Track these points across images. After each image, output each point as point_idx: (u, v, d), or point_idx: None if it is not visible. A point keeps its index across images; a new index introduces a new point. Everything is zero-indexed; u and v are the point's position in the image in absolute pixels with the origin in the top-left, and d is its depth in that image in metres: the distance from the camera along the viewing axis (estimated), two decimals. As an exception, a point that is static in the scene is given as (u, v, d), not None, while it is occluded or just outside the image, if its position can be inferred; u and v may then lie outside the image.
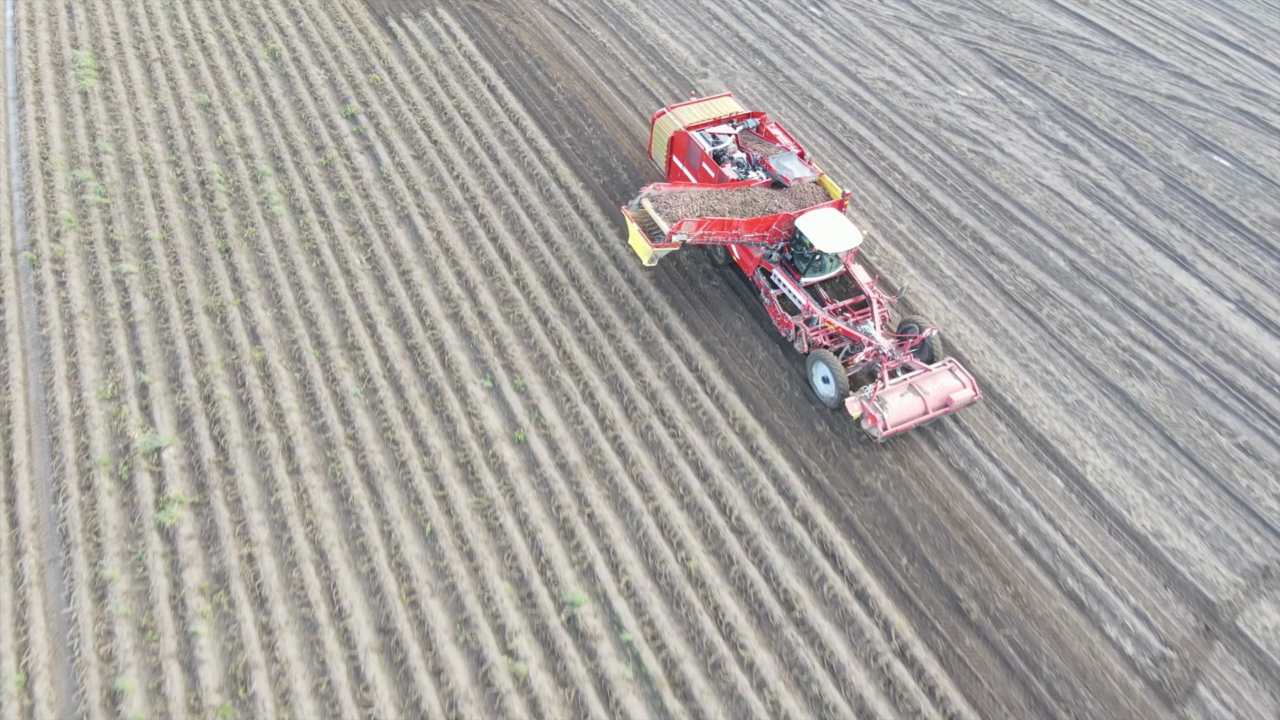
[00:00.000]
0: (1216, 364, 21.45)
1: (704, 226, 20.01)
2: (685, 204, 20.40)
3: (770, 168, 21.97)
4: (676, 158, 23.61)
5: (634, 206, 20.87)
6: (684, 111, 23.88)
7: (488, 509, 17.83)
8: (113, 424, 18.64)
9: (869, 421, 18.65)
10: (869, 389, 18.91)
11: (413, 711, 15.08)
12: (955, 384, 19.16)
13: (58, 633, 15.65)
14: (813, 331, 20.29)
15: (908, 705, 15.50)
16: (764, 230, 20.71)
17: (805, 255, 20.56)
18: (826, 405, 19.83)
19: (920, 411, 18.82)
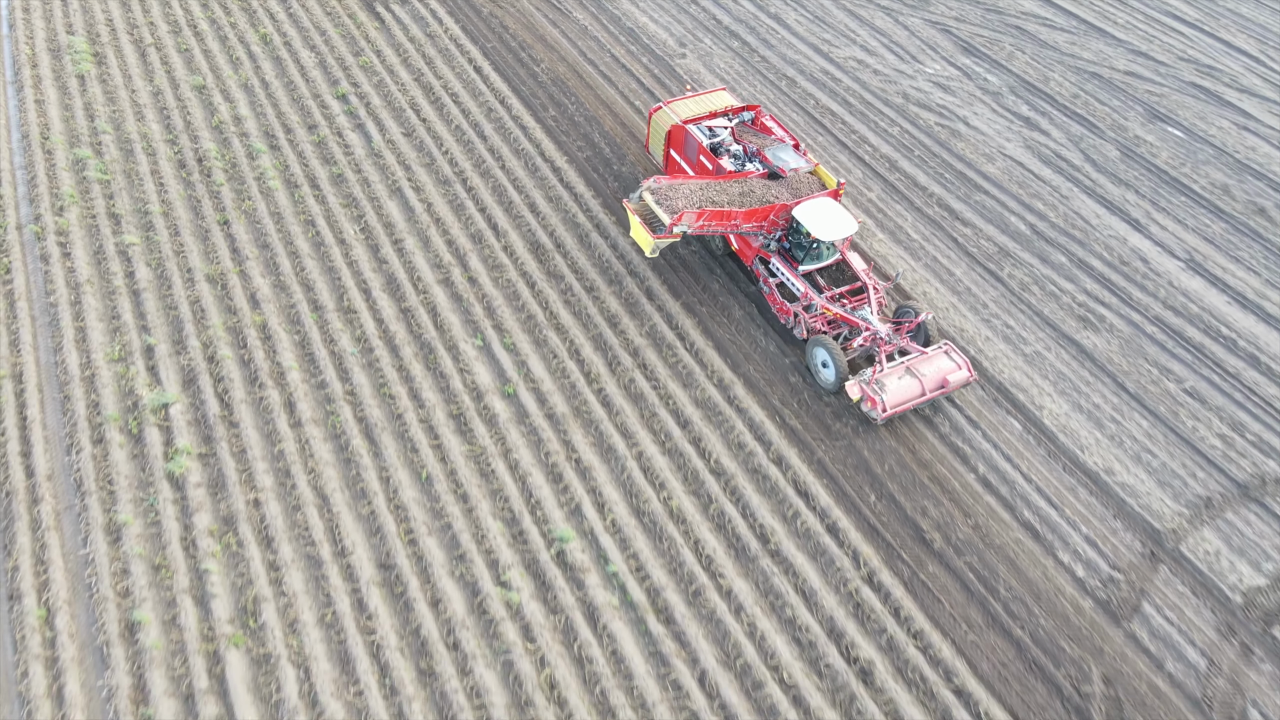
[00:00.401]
0: (1166, 317, 22.74)
1: (704, 217, 20.52)
2: (685, 196, 20.80)
3: (766, 159, 22.52)
4: (674, 151, 24.00)
5: (635, 199, 21.27)
6: (680, 106, 24.23)
7: (480, 456, 18.87)
8: (121, 383, 19.56)
9: (868, 404, 19.16)
10: (867, 372, 19.44)
11: (413, 638, 16.11)
12: (951, 366, 19.75)
13: (75, 572, 16.57)
14: (811, 318, 20.86)
15: (875, 625, 16.65)
16: (762, 220, 21.23)
17: (803, 244, 21.17)
18: (826, 390, 20.26)
19: (918, 393, 19.39)
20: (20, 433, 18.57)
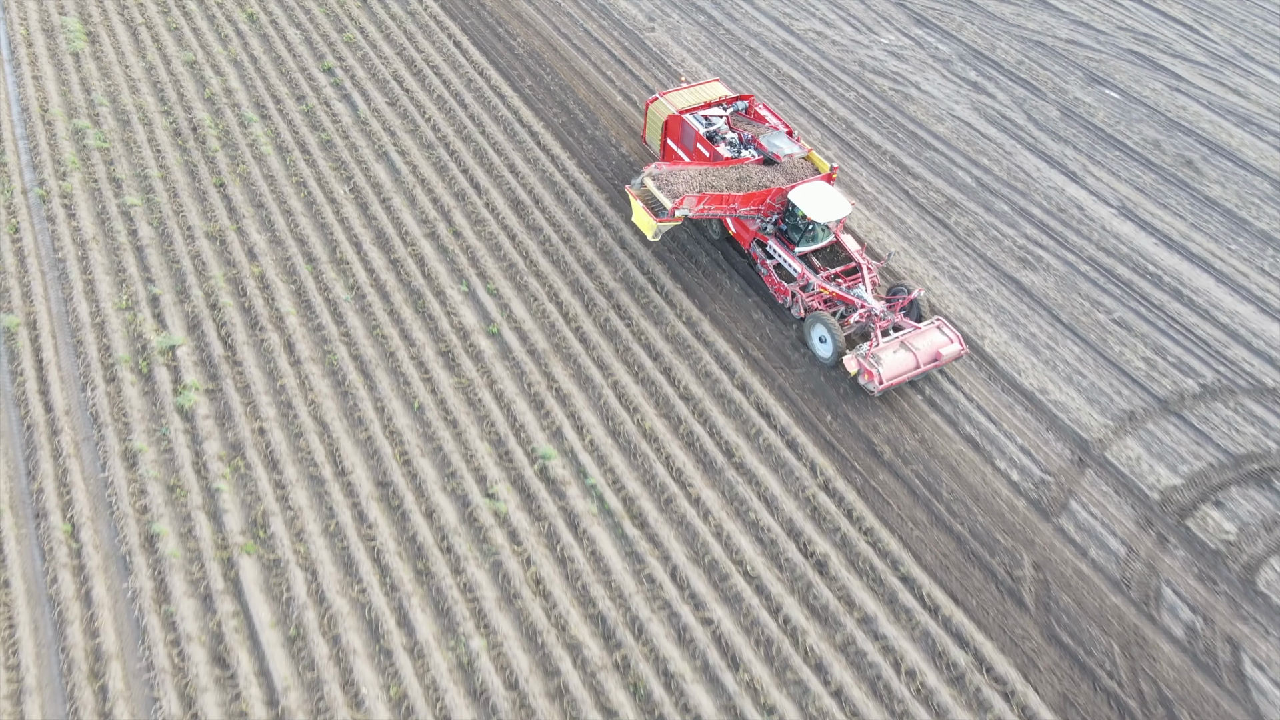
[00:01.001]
0: (1099, 258, 24.64)
1: (704, 201, 21.24)
2: (685, 181, 21.51)
3: (761, 146, 23.24)
4: (671, 140, 24.80)
5: (637, 185, 21.91)
6: (675, 96, 25.00)
7: (468, 387, 20.38)
8: (129, 328, 20.88)
9: (865, 377, 19.92)
10: (864, 347, 20.19)
11: (410, 544, 17.61)
12: (943, 340, 20.60)
13: (96, 494, 17.92)
14: (808, 297, 21.67)
15: (829, 525, 18.35)
16: (759, 204, 22.00)
17: (799, 226, 22.07)
18: (824, 364, 21.16)
19: (912, 366, 20.20)
20: (37, 373, 19.89)
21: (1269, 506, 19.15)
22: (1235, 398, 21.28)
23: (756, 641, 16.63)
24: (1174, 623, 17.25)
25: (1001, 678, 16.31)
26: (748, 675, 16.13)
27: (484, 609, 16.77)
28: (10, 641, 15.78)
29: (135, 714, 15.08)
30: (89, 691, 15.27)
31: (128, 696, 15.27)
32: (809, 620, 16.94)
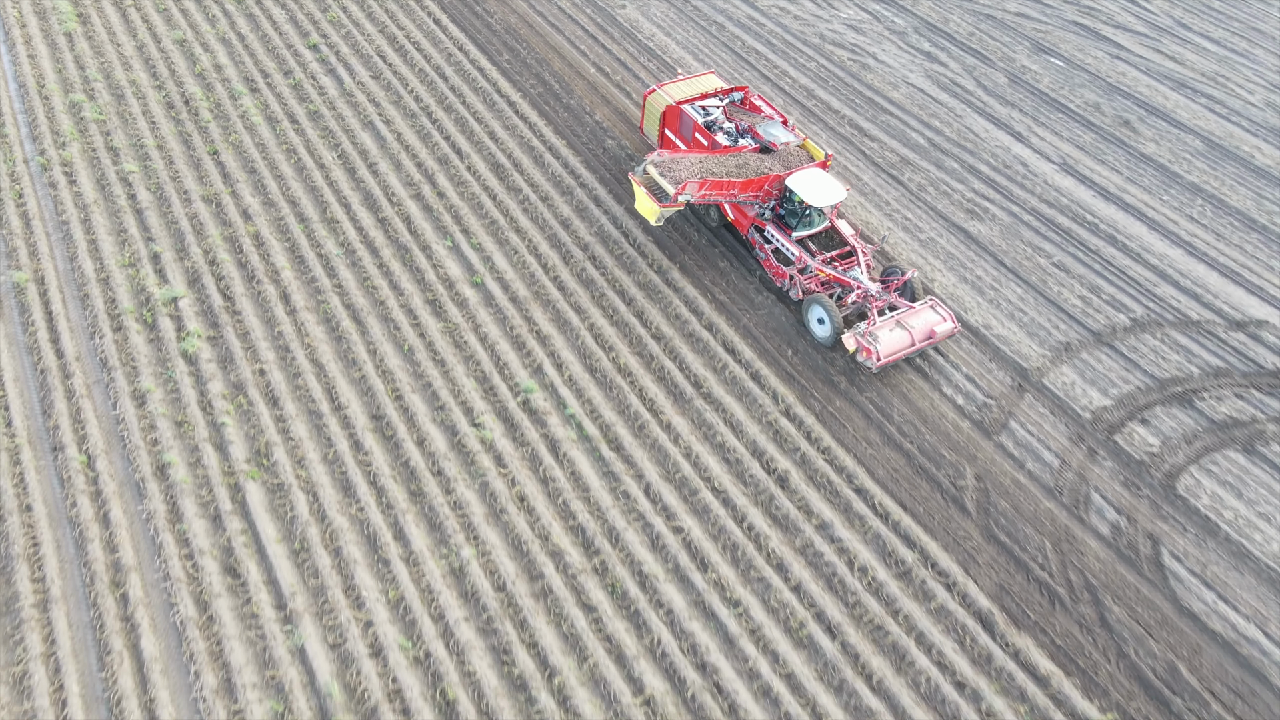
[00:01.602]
0: (1041, 209, 26.42)
1: (705, 187, 21.94)
2: (687, 168, 22.16)
3: (758, 134, 24.07)
4: (669, 130, 25.55)
5: (639, 172, 22.53)
6: (672, 88, 25.72)
7: (454, 331, 21.79)
8: (133, 283, 22.11)
9: (864, 354, 20.69)
10: (861, 326, 21.10)
11: (403, 468, 19.00)
12: (937, 319, 21.53)
13: (109, 429, 19.17)
14: (806, 279, 22.40)
15: (790, 445, 19.93)
16: (757, 190, 22.75)
17: (796, 210, 22.77)
18: (821, 344, 21.95)
19: (908, 343, 21.07)
20: (47, 324, 21.08)
21: (1189, 423, 20.95)
22: (1162, 330, 23.10)
23: (723, 546, 18.21)
24: (1100, 523, 19.01)
25: (944, 572, 17.96)
26: (715, 575, 17.70)
27: (473, 523, 18.22)
28: (35, 558, 17.05)
29: (155, 619, 16.42)
30: (111, 599, 16.58)
31: (147, 603, 16.59)
32: (771, 527, 18.53)
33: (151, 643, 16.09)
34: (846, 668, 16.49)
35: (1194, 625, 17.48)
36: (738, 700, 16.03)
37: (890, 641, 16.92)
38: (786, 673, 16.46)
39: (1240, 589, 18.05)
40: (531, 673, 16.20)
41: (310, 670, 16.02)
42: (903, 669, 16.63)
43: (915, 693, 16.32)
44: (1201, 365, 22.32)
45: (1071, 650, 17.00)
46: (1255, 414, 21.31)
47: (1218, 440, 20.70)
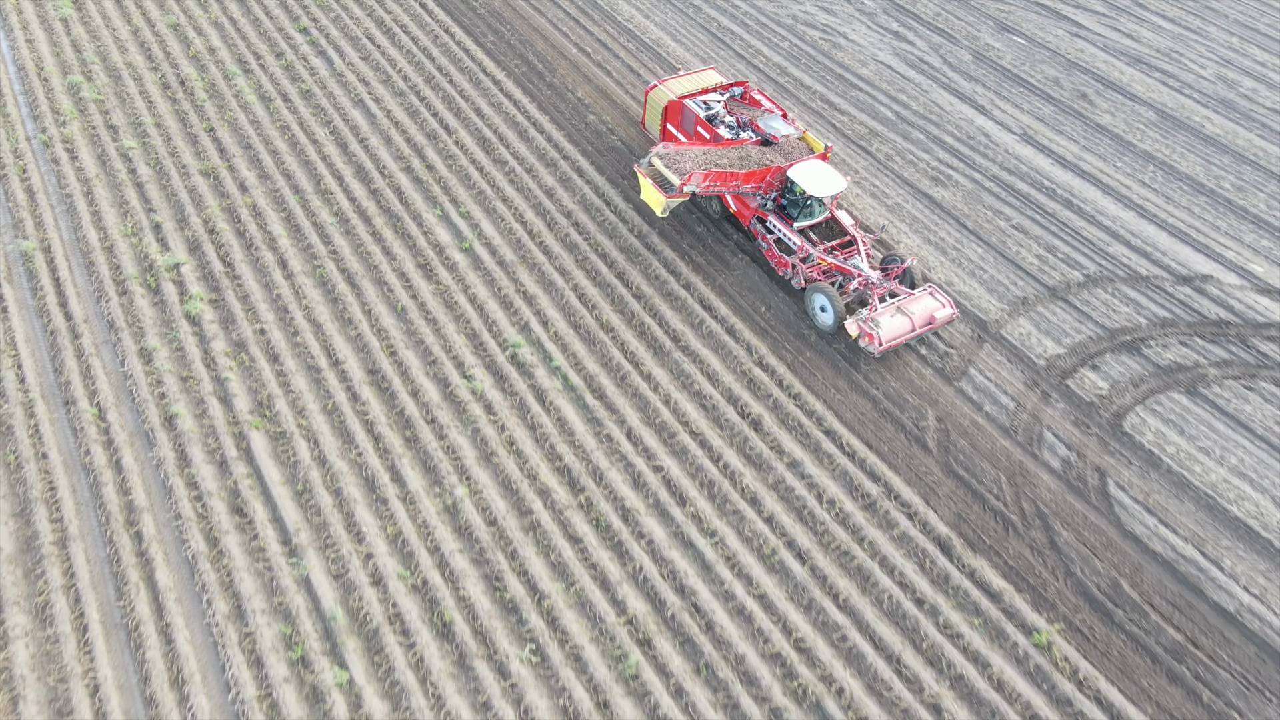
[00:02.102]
0: (1002, 176, 27.77)
1: (710, 178, 22.48)
2: (691, 160, 22.74)
3: (759, 128, 24.61)
4: (671, 125, 26.14)
5: (645, 164, 23.01)
6: (673, 84, 26.29)
7: (445, 292, 22.89)
8: (136, 251, 23.09)
9: (865, 339, 21.29)
10: (863, 313, 21.61)
11: (399, 417, 20.10)
12: (936, 305, 22.06)
13: (118, 385, 20.16)
14: (808, 268, 23.00)
15: (763, 392, 21.17)
16: (759, 181, 23.38)
17: (797, 201, 23.35)
18: (824, 331, 22.47)
19: (909, 329, 21.62)
20: (55, 289, 22.04)
21: (1136, 368, 22.32)
22: (1113, 284, 24.48)
23: (700, 483, 19.41)
24: (1052, 458, 20.33)
25: (907, 503, 19.23)
26: (693, 509, 18.90)
27: (465, 465, 19.34)
28: (53, 501, 18.04)
29: (168, 554, 17.45)
30: (126, 537, 17.60)
31: (160, 540, 17.63)
32: (745, 466, 19.74)
33: (165, 575, 17.14)
34: (815, 588, 17.73)
35: (1136, 547, 18.84)
36: (714, 619, 17.23)
37: (856, 565, 18.18)
38: (759, 594, 17.69)
39: (1180, 514, 19.41)
40: (522, 597, 17.34)
41: (315, 597, 17.12)
42: (867, 589, 17.89)
43: (878, 609, 17.58)
44: (1149, 316, 23.71)
45: (1023, 570, 18.31)
46: (1198, 359, 22.72)
47: (1162, 383, 22.09)
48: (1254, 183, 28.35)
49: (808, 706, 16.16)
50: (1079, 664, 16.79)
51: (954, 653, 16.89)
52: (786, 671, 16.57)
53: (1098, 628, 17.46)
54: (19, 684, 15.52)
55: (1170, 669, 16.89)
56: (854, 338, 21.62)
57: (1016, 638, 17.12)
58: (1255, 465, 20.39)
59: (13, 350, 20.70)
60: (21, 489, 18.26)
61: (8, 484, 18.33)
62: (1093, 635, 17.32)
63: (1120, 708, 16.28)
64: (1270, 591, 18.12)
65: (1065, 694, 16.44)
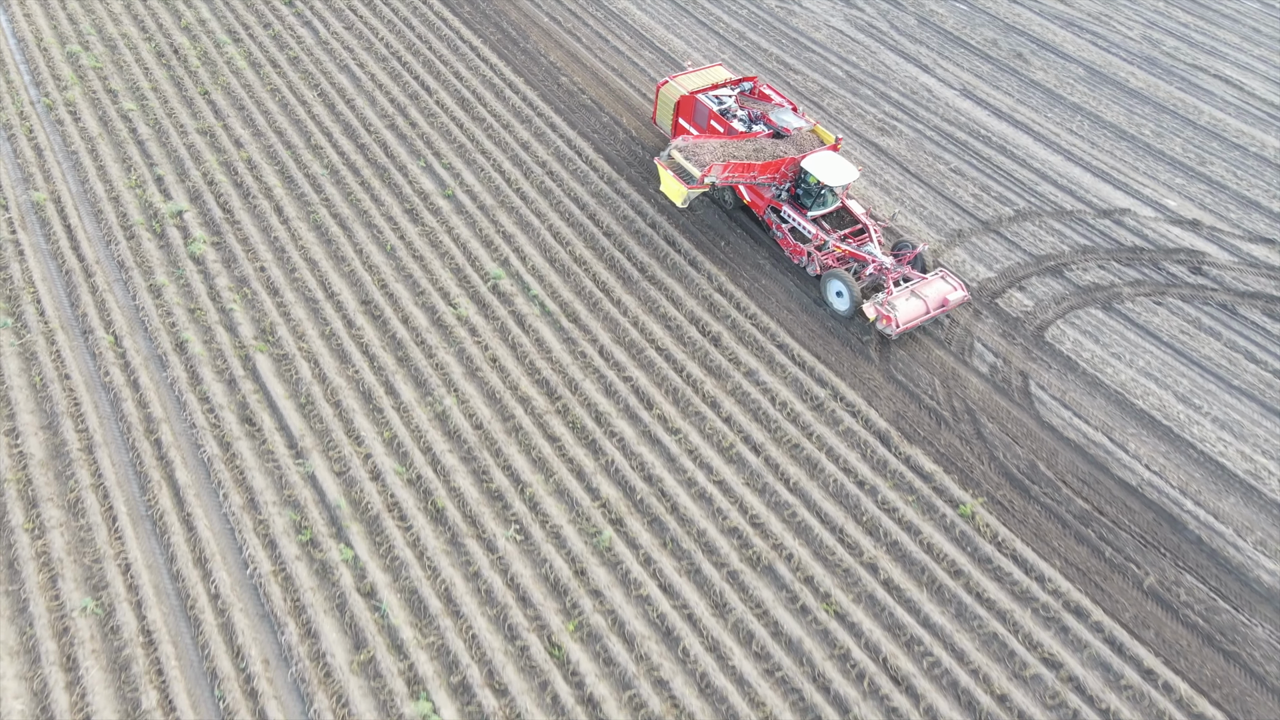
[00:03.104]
0: (943, 126, 30.10)
1: (728, 170, 23.25)
2: (710, 152, 23.53)
3: (770, 121, 25.54)
4: (683, 119, 26.79)
5: (665, 157, 23.71)
6: (684, 80, 27.00)
7: (430, 233, 24.79)
8: (140, 200, 24.78)
9: (883, 321, 22.12)
10: (880, 296, 22.53)
11: (390, 340, 21.99)
12: (948, 288, 22.95)
13: (131, 316, 21.89)
14: (824, 255, 23.90)
15: (723, 314, 23.30)
16: (774, 172, 24.15)
17: (811, 191, 24.22)
18: (840, 316, 23.29)
19: (923, 311, 22.47)
20: (67, 235, 23.70)
21: (1058, 288, 24.66)
22: (1040, 218, 26.83)
23: (665, 391, 21.48)
24: (981, 364, 22.60)
25: (851, 404, 21.41)
26: (659, 412, 20.97)
27: (453, 379, 21.28)
28: (77, 414, 19.77)
29: (185, 457, 19.24)
30: (146, 443, 19.37)
31: (177, 445, 19.41)
32: (705, 375, 21.84)
33: (184, 474, 18.94)
34: (768, 475, 19.85)
35: (1052, 435, 21.13)
36: (678, 501, 19.29)
37: (805, 455, 20.33)
38: (718, 480, 19.79)
39: (1092, 408, 21.74)
40: (507, 487, 19.32)
41: (320, 490, 19.00)
42: (815, 475, 20.03)
43: (824, 491, 19.73)
44: (1072, 245, 26.08)
45: (952, 456, 20.53)
46: (1114, 280, 25.10)
47: (1081, 300, 24.43)
48: (1171, 129, 30.92)
49: (761, 570, 18.31)
50: (999, 530, 19.07)
51: (890, 524, 19.12)
52: (742, 542, 18.70)
53: (1016, 501, 19.75)
54: (57, 565, 17.33)
55: (1078, 532, 19.21)
56: (872, 321, 22.47)
57: (945, 510, 19.38)
58: (1160, 366, 22.79)
59: (31, 288, 22.38)
60: (48, 405, 19.99)
61: (35, 401, 20.07)
62: (1011, 507, 19.62)
63: (1033, 563, 18.55)
64: (1168, 469, 20.48)
65: (986, 554, 18.70)
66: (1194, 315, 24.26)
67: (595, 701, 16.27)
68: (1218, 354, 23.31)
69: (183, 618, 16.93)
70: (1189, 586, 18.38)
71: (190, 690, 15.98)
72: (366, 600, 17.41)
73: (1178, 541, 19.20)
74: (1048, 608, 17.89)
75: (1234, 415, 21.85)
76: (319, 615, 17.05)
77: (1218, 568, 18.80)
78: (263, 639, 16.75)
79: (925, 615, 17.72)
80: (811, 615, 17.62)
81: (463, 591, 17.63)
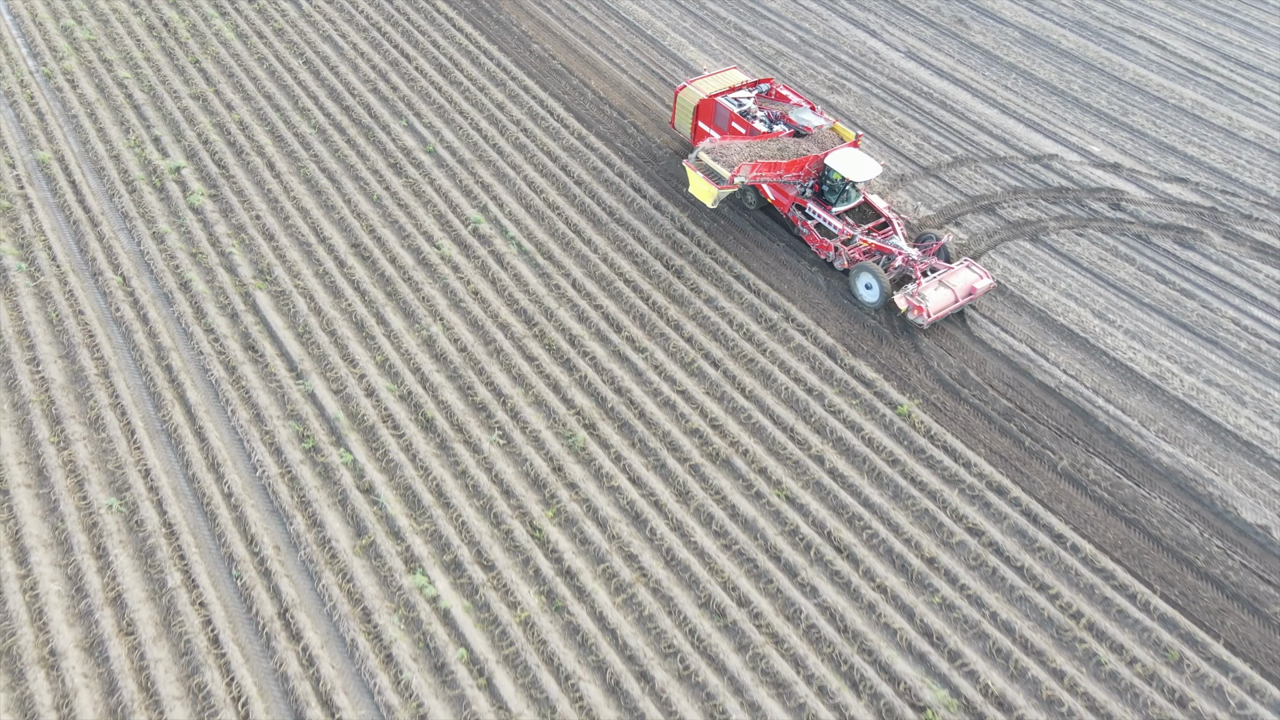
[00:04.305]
0: (889, 85, 32.39)
1: (756, 169, 23.80)
2: (737, 153, 24.02)
3: (791, 121, 26.21)
4: (702, 122, 27.39)
5: (693, 159, 24.09)
6: (701, 84, 27.64)
7: (413, 184, 26.67)
8: (140, 158, 26.45)
9: (915, 312, 22.74)
10: (910, 287, 23.21)
11: (380, 277, 23.86)
12: (974, 276, 23.68)
13: (137, 260, 23.57)
14: (851, 250, 24.65)
15: (685, 250, 25.39)
16: (799, 170, 24.86)
17: (835, 187, 24.95)
18: (870, 308, 23.96)
19: (952, 300, 23.20)
20: (72, 189, 25.32)
21: (990, 224, 27.00)
22: (976, 164, 29.16)
23: (633, 317, 23.55)
24: (919, 289, 24.91)
25: (801, 324, 23.59)
26: (627, 334, 23.04)
27: (438, 310, 23.18)
28: (92, 345, 21.46)
29: (194, 380, 21.01)
30: (158, 368, 21.12)
31: (187, 370, 21.17)
32: (669, 303, 23.93)
33: (194, 394, 20.70)
34: (726, 385, 21.96)
35: (982, 347, 23.41)
36: (645, 409, 21.34)
37: (759, 368, 22.45)
38: (681, 390, 21.87)
39: (1018, 324, 24.05)
40: (489, 400, 21.27)
41: (320, 406, 20.84)
42: (768, 384, 22.16)
43: (777, 397, 21.86)
44: (1004, 186, 28.43)
45: (892, 366, 22.75)
46: (1041, 216, 27.47)
47: (1011, 234, 26.76)
48: (1097, 85, 33.43)
49: (719, 463, 20.41)
50: (932, 426, 21.29)
51: (836, 423, 21.29)
52: (703, 441, 20.80)
53: (948, 402, 21.99)
54: (83, 471, 19.05)
55: (1002, 426, 21.49)
56: (903, 311, 23.15)
57: (884, 411, 21.58)
58: (1079, 288, 25.16)
59: (42, 236, 23.99)
60: (64, 338, 21.65)
61: (52, 334, 21.73)
62: (944, 406, 21.86)
63: (961, 452, 20.80)
64: (1083, 373, 22.82)
65: (920, 445, 20.91)
66: (1112, 244, 26.71)
67: (573, 573, 18.30)
68: (1132, 277, 25.76)
69: (200, 513, 18.77)
70: (1097, 468, 20.74)
71: (210, 571, 17.81)
72: (365, 496, 19.33)
73: (1089, 432, 21.55)
74: (973, 488, 20.17)
75: (1144, 328, 24.28)
76: (323, 509, 18.96)
77: (1123, 453, 21.17)
78: (273, 529, 18.62)
79: (865, 496, 19.93)
80: (765, 499, 19.78)
81: (452, 487, 19.59)
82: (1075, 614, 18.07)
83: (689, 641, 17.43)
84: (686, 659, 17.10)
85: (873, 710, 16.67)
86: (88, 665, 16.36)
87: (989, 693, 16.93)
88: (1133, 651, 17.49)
